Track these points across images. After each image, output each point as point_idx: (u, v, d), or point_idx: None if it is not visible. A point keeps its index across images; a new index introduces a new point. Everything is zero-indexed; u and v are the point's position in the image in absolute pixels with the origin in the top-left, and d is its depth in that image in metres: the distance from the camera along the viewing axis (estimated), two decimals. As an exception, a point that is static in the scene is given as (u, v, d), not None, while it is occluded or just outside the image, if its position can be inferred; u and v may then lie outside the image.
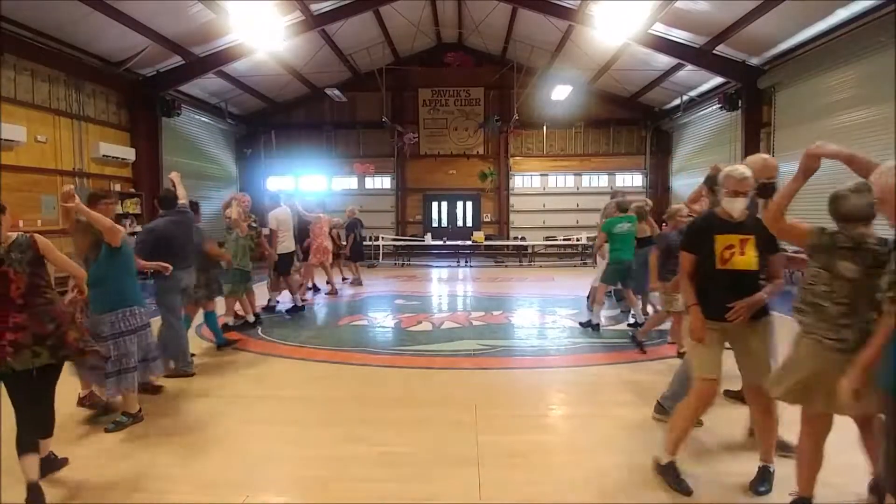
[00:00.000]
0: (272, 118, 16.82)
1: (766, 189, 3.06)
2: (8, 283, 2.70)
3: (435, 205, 17.33)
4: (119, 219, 10.49)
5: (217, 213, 14.64)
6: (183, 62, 11.52)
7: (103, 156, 10.58)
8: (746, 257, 2.65)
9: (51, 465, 2.94)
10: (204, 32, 10.64)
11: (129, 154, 11.39)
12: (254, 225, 6.81)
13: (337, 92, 14.03)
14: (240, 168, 16.81)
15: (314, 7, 11.12)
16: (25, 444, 2.68)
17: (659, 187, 16.23)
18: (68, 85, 9.92)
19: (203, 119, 14.34)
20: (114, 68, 10.70)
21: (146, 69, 11.42)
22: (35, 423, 2.76)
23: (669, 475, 2.80)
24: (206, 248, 5.33)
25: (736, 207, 2.66)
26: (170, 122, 12.52)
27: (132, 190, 11.56)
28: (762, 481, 2.75)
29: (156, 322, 4.34)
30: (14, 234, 2.81)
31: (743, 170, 2.70)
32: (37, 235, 2.87)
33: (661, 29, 10.62)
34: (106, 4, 8.71)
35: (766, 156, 3.41)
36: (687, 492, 2.71)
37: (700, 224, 2.81)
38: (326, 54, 13.68)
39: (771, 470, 2.76)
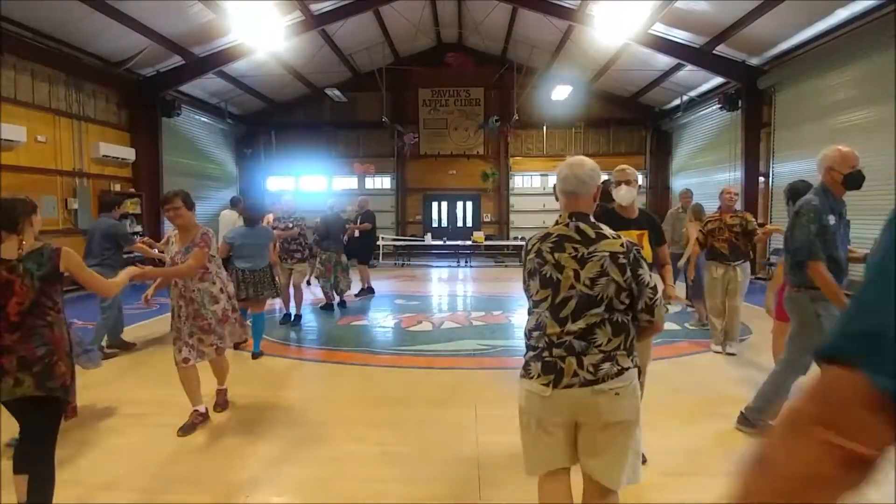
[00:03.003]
0: (272, 118, 16.82)
1: (854, 179, 3.03)
2: (10, 295, 2.37)
3: (435, 205, 17.33)
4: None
5: (217, 213, 14.68)
6: (183, 62, 11.52)
7: (103, 156, 10.58)
8: (644, 251, 2.81)
9: None
10: (204, 32, 10.64)
11: (129, 154, 11.39)
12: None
13: (337, 92, 14.03)
14: (240, 168, 16.81)
15: (314, 7, 11.12)
16: (17, 464, 2.44)
17: (659, 187, 16.24)
18: (68, 85, 9.91)
19: (203, 119, 14.33)
20: (114, 68, 10.70)
21: (146, 69, 11.42)
22: (32, 466, 2.42)
23: None
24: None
25: (622, 196, 3.01)
26: (170, 122, 12.52)
27: (132, 190, 11.55)
28: None
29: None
30: (39, 244, 2.52)
31: (622, 165, 3.12)
32: (65, 249, 2.55)
33: (661, 29, 10.62)
34: (106, 4, 8.71)
35: (840, 147, 3.16)
36: None
37: (603, 220, 2.95)
38: (326, 54, 13.67)
39: None
